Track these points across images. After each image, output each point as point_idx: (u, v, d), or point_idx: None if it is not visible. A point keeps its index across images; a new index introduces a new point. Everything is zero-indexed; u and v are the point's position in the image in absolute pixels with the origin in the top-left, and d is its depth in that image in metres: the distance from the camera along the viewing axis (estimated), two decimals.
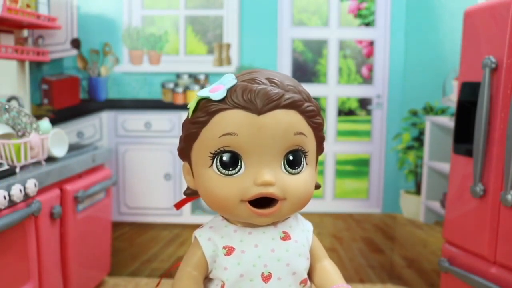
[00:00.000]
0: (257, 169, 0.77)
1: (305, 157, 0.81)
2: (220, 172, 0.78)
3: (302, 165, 0.80)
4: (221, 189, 0.78)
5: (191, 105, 0.80)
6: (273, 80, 0.77)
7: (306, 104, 0.78)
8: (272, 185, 0.77)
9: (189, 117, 0.80)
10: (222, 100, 0.76)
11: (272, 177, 0.76)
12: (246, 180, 0.77)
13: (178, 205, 0.96)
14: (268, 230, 0.84)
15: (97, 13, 2.32)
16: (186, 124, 0.82)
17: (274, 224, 0.85)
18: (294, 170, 0.79)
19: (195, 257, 0.84)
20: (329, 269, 0.90)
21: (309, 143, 0.81)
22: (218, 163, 0.78)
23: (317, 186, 0.88)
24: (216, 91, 0.77)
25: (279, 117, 0.76)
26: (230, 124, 0.76)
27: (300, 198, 0.80)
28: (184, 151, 0.83)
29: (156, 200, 2.43)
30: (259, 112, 0.75)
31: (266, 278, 0.82)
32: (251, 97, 0.75)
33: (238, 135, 0.76)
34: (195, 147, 0.81)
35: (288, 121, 0.76)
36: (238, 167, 0.78)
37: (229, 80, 0.77)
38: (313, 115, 0.80)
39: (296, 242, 0.85)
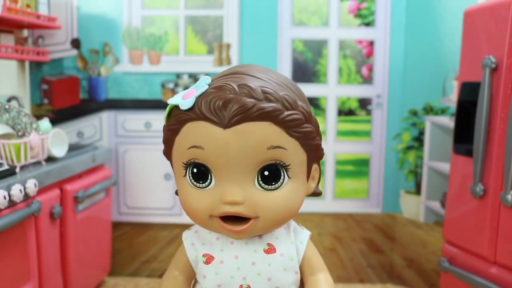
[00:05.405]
0: (225, 186, 0.72)
1: (287, 171, 0.73)
2: (192, 184, 0.74)
3: (281, 180, 0.73)
4: (192, 202, 0.75)
5: (166, 111, 0.75)
6: (246, 86, 0.69)
7: (286, 113, 0.69)
8: (239, 204, 0.72)
9: (165, 123, 0.77)
10: (191, 109, 0.70)
11: (239, 196, 0.71)
12: (215, 195, 0.73)
13: None
14: (251, 242, 0.79)
15: (97, 13, 2.32)
16: (164, 129, 0.78)
17: (259, 235, 0.79)
18: (269, 186, 0.73)
19: (181, 260, 0.84)
20: (320, 285, 0.82)
21: (292, 155, 0.72)
22: (190, 175, 0.74)
23: (317, 193, 0.84)
24: (187, 98, 0.71)
25: (248, 131, 0.68)
26: (197, 137, 0.70)
27: (276, 216, 0.74)
28: (167, 154, 0.80)
29: (156, 200, 2.43)
30: (225, 125, 0.68)
31: None
32: (216, 108, 0.68)
33: (205, 149, 0.70)
34: (173, 154, 0.77)
35: (259, 134, 0.69)
36: (208, 180, 0.73)
37: (202, 86, 0.71)
38: (296, 125, 0.71)
39: (281, 256, 0.80)
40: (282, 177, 0.73)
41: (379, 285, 2.37)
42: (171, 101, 0.73)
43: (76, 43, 2.34)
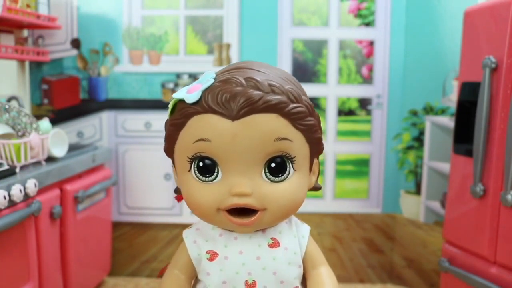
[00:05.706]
0: (233, 178, 0.72)
1: (292, 163, 0.74)
2: (198, 178, 0.74)
3: (287, 172, 0.74)
4: (198, 196, 0.75)
5: (169, 106, 0.76)
6: (253, 80, 0.70)
7: (292, 105, 0.71)
8: (247, 196, 0.72)
9: (168, 118, 0.77)
10: (197, 102, 0.71)
11: (247, 187, 0.72)
12: (222, 188, 0.73)
13: (179, 198, 0.94)
14: (255, 236, 0.79)
15: (97, 13, 2.32)
16: (166, 125, 0.79)
17: (262, 229, 0.80)
18: (276, 178, 0.74)
19: (182, 259, 0.83)
20: (323, 278, 0.83)
21: (297, 148, 0.74)
22: (195, 169, 0.74)
23: (317, 188, 0.84)
24: (192, 92, 0.72)
25: (256, 123, 0.70)
26: (204, 130, 0.71)
27: (283, 208, 0.75)
28: (169, 151, 0.80)
29: (156, 200, 2.43)
30: (233, 117, 0.69)
31: (251, 286, 0.78)
32: (224, 101, 0.69)
33: (212, 142, 0.71)
34: (176, 149, 0.77)
35: (267, 126, 0.70)
36: (215, 174, 0.74)
37: (207, 80, 0.72)
38: (301, 117, 0.72)
39: (285, 250, 0.80)
40: (288, 169, 0.74)
41: (379, 285, 2.37)
42: (176, 95, 0.74)
43: (76, 43, 2.34)
